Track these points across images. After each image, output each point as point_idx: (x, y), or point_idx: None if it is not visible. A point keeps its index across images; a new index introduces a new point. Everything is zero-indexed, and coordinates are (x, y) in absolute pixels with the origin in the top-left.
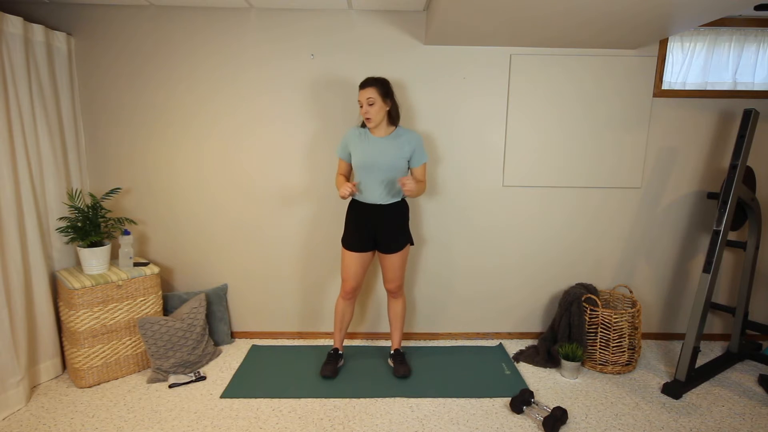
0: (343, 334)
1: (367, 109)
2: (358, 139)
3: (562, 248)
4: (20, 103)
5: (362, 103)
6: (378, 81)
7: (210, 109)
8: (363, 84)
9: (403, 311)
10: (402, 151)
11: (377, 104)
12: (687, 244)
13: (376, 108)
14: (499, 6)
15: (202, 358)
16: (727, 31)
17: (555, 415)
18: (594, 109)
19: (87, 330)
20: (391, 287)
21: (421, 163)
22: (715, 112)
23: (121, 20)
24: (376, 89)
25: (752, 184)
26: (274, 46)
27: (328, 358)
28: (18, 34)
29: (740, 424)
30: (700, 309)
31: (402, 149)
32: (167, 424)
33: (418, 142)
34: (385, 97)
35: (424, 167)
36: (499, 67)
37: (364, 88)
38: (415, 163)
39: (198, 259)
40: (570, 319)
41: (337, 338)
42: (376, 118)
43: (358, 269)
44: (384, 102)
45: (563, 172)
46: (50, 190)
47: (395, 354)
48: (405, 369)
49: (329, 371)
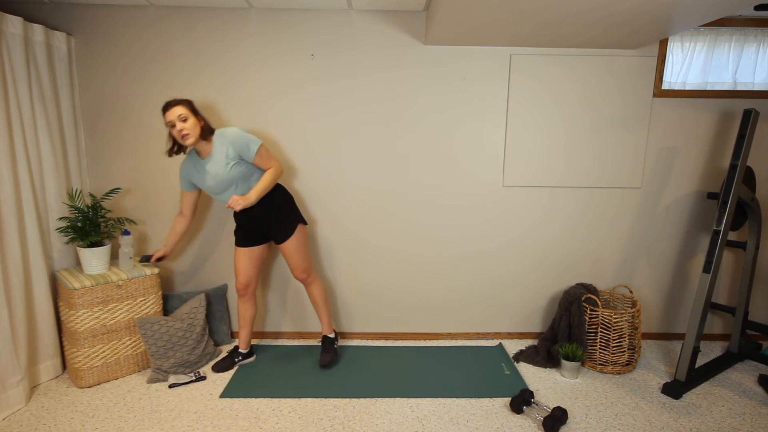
0: (247, 332)
1: (181, 126)
2: (194, 169)
3: (562, 248)
4: (20, 103)
5: (173, 121)
6: (183, 100)
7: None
8: (166, 106)
9: (321, 294)
10: (228, 159)
11: (191, 119)
12: (687, 244)
13: (191, 123)
14: (499, 6)
15: (202, 358)
16: (727, 31)
17: (555, 415)
18: (594, 109)
19: (87, 330)
20: (297, 274)
21: (254, 152)
22: (715, 112)
23: (121, 20)
24: (184, 106)
25: (752, 184)
26: (274, 46)
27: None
28: (18, 34)
29: (740, 424)
30: (700, 309)
31: (227, 158)
32: (167, 424)
33: (234, 138)
34: (196, 113)
35: (261, 154)
36: (499, 67)
37: (170, 108)
38: (249, 157)
39: (198, 259)
40: (570, 319)
41: (241, 336)
42: (194, 133)
43: (247, 264)
44: (196, 118)
45: (563, 172)
46: (50, 190)
47: (324, 339)
48: (328, 357)
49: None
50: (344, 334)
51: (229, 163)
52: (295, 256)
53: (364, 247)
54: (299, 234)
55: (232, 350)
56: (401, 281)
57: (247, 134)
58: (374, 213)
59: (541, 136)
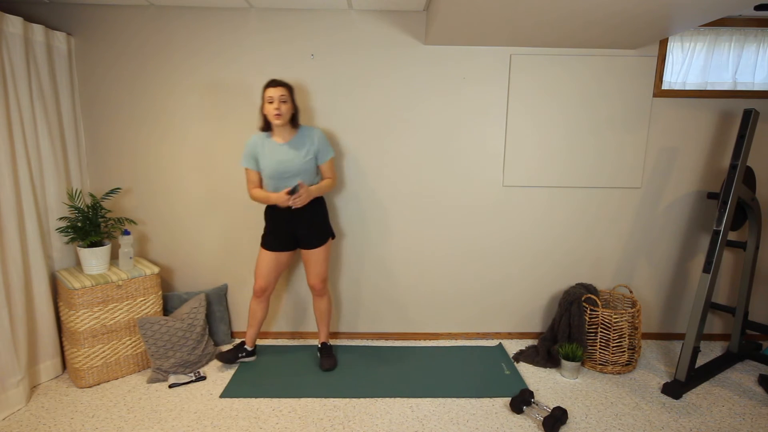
0: (255, 332)
1: (279, 105)
2: (263, 147)
3: (562, 248)
4: (20, 103)
5: (274, 99)
6: (288, 83)
7: (211, 108)
8: (274, 83)
9: (329, 306)
10: (307, 151)
11: (288, 103)
12: (687, 244)
13: (288, 106)
14: (499, 6)
15: (202, 358)
16: (727, 31)
17: (555, 415)
18: (594, 109)
19: (87, 330)
20: (315, 282)
21: (327, 158)
22: (715, 112)
23: (121, 20)
24: (287, 90)
25: (752, 184)
26: (274, 46)
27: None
28: (18, 34)
29: (740, 424)
30: (700, 309)
31: (307, 150)
32: (167, 424)
33: (320, 138)
34: (293, 100)
35: (331, 162)
36: (499, 67)
37: (276, 86)
38: (321, 160)
39: (198, 259)
40: (570, 319)
41: (248, 334)
42: (286, 115)
43: (271, 269)
44: (292, 104)
45: (563, 171)
46: (50, 190)
47: (322, 347)
48: (330, 362)
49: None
50: (345, 334)
51: (307, 155)
52: (319, 265)
53: (362, 248)
54: (328, 245)
55: (238, 344)
56: (401, 281)
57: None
58: (372, 213)
59: (541, 136)
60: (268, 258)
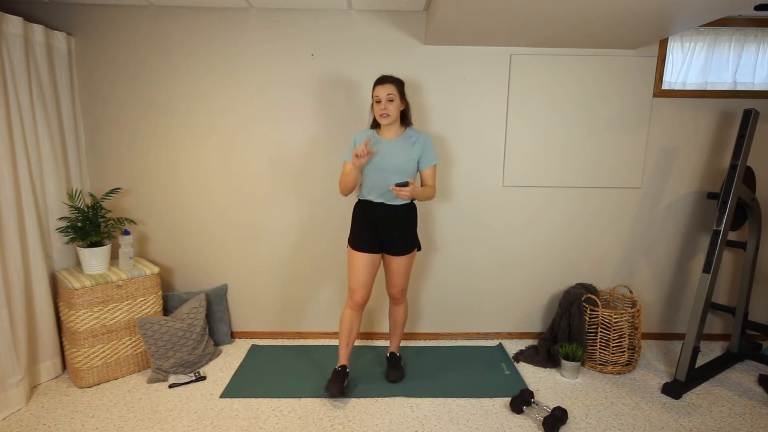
0: (350, 350)
1: (386, 105)
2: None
3: (562, 248)
4: (20, 103)
5: (381, 98)
6: (397, 79)
7: (210, 109)
8: (382, 80)
9: (404, 317)
10: (412, 152)
11: (396, 101)
12: (687, 244)
13: (395, 105)
14: (499, 6)
15: (202, 358)
16: (727, 31)
17: (555, 415)
18: (594, 109)
19: (87, 330)
20: (395, 292)
21: (430, 164)
22: (715, 112)
23: (121, 20)
24: (395, 86)
25: (752, 184)
26: (274, 46)
27: (333, 376)
28: (18, 34)
29: (740, 424)
30: (700, 309)
31: (412, 150)
32: (167, 424)
33: (428, 142)
34: (402, 96)
35: (433, 169)
36: (499, 67)
37: (383, 84)
38: (424, 165)
39: (198, 259)
40: (570, 319)
41: (343, 354)
42: (394, 114)
43: (368, 274)
44: (401, 101)
45: (563, 172)
46: (50, 190)
47: (391, 357)
48: (397, 374)
49: (336, 390)
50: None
51: (412, 155)
52: (403, 274)
53: None
54: (413, 255)
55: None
56: None
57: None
58: None
59: (541, 136)
60: (362, 261)
